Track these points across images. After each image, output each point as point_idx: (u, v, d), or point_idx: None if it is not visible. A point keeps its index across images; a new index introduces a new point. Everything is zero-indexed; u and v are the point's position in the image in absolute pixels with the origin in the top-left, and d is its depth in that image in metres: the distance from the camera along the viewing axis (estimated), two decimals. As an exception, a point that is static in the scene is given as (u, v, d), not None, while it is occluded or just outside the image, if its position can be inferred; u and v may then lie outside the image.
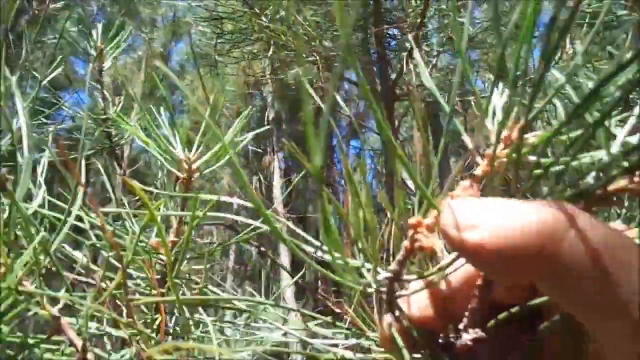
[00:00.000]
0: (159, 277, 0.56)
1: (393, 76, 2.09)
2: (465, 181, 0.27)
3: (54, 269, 0.42)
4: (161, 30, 8.08)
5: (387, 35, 2.10)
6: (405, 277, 0.30)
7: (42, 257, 0.37)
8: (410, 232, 0.28)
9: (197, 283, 0.60)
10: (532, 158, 0.25)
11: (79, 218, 0.49)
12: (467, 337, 0.29)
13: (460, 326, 0.30)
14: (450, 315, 0.30)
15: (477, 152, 0.27)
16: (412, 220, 0.28)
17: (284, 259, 4.89)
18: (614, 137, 0.27)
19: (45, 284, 0.40)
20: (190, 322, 0.56)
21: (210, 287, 0.59)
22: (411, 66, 1.84)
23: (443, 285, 0.30)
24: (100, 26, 1.36)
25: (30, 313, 0.39)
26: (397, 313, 0.30)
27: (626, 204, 0.34)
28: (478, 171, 0.27)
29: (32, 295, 0.39)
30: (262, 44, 1.97)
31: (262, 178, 5.21)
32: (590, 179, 0.25)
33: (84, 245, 0.50)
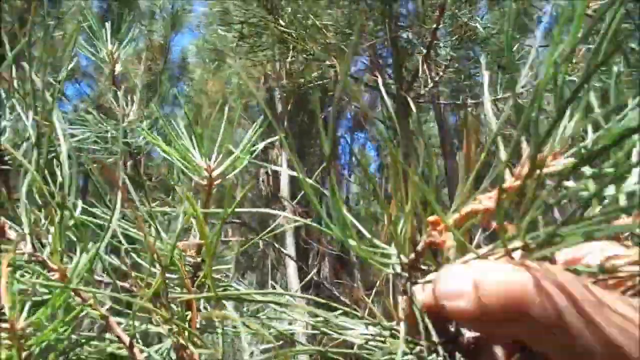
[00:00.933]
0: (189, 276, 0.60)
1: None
2: (490, 193, 0.30)
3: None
4: (160, 22, 8.03)
5: (402, 40, 2.14)
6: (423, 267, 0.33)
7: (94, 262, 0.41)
8: (428, 229, 0.32)
9: (220, 280, 0.64)
10: (567, 183, 0.28)
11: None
12: (470, 335, 0.32)
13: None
14: None
15: (508, 168, 0.30)
16: (430, 218, 0.31)
17: (290, 249, 4.94)
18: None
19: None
20: (217, 317, 0.60)
21: (234, 285, 0.63)
22: (426, 69, 1.88)
23: None
24: (108, 27, 1.37)
25: (83, 313, 0.43)
26: (410, 296, 0.33)
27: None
28: (505, 184, 0.29)
29: (83, 297, 0.43)
30: (281, 47, 2.01)
31: (269, 171, 5.25)
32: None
33: (122, 250, 0.54)
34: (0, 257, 0.36)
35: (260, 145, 0.72)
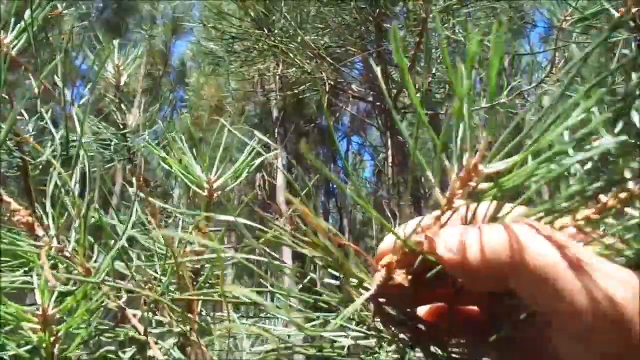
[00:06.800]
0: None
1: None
2: (435, 212, 0.34)
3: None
4: (160, 27, 8.08)
5: (389, 52, 2.23)
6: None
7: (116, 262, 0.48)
8: (384, 270, 0.35)
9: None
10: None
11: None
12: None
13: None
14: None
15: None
16: (384, 261, 0.34)
17: (287, 260, 4.98)
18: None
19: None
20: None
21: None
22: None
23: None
24: (116, 43, 1.43)
25: (104, 305, 0.49)
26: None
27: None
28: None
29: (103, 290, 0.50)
30: (271, 61, 2.08)
31: (265, 175, 5.30)
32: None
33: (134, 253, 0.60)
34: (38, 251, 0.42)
35: (257, 161, 0.78)
